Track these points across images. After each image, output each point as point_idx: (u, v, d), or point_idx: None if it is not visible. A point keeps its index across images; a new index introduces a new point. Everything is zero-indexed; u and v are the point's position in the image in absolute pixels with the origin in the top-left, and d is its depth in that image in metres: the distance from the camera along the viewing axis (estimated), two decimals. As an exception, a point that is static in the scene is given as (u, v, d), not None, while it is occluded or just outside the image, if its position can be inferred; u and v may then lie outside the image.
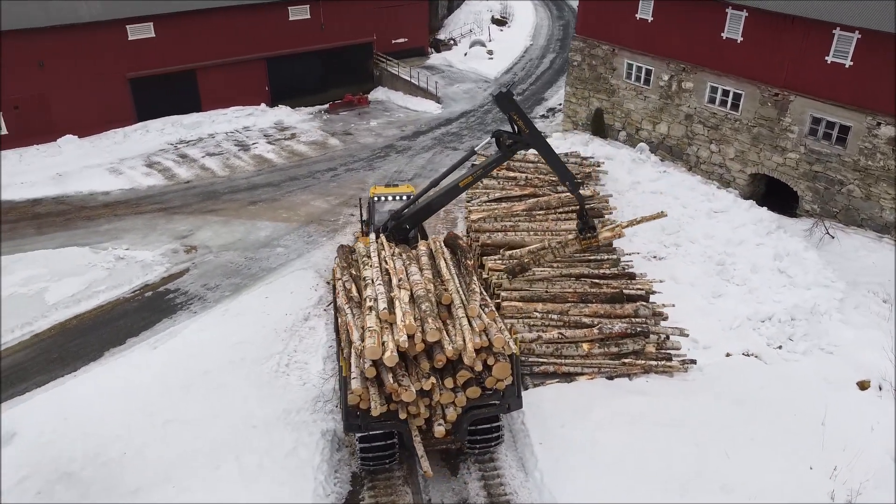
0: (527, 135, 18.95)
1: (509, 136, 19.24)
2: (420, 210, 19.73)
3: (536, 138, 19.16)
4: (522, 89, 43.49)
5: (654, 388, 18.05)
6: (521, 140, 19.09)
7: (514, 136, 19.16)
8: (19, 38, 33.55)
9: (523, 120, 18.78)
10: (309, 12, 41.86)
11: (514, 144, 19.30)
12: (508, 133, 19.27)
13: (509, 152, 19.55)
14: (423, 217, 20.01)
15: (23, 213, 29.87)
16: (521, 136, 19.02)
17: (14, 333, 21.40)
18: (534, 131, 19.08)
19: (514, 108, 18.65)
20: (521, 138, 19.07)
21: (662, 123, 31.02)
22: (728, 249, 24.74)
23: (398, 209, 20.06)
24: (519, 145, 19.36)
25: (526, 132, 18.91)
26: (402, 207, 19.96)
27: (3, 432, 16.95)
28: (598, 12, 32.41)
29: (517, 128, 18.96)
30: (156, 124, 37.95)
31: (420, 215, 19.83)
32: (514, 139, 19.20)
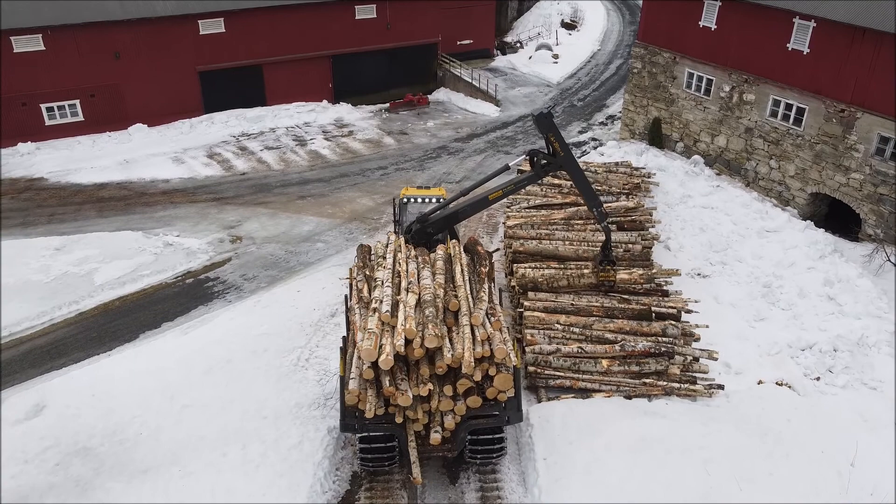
0: (561, 157, 18.89)
1: (544, 156, 19.12)
2: (447, 217, 19.73)
3: (570, 162, 19.10)
4: (584, 95, 42.72)
5: (672, 412, 17.33)
6: (556, 162, 19.05)
7: (548, 158, 19.13)
8: (97, 30, 35.38)
9: (559, 142, 18.76)
10: (375, 12, 42.37)
11: (547, 165, 19.22)
12: (543, 153, 19.20)
13: (542, 172, 19.48)
14: (448, 224, 19.98)
15: (88, 197, 31.44)
16: (556, 158, 18.98)
17: (61, 310, 22.56)
18: (569, 155, 19.04)
19: (552, 130, 18.70)
20: (555, 160, 19.06)
21: (721, 136, 29.81)
22: (777, 271, 23.56)
23: (425, 213, 20.07)
24: (552, 167, 19.34)
25: (561, 154, 18.81)
26: (430, 212, 19.96)
27: (35, 404, 17.87)
28: (661, 18, 31.47)
29: (553, 149, 18.85)
30: (221, 116, 39.25)
31: (446, 222, 19.82)
32: (548, 160, 19.10)
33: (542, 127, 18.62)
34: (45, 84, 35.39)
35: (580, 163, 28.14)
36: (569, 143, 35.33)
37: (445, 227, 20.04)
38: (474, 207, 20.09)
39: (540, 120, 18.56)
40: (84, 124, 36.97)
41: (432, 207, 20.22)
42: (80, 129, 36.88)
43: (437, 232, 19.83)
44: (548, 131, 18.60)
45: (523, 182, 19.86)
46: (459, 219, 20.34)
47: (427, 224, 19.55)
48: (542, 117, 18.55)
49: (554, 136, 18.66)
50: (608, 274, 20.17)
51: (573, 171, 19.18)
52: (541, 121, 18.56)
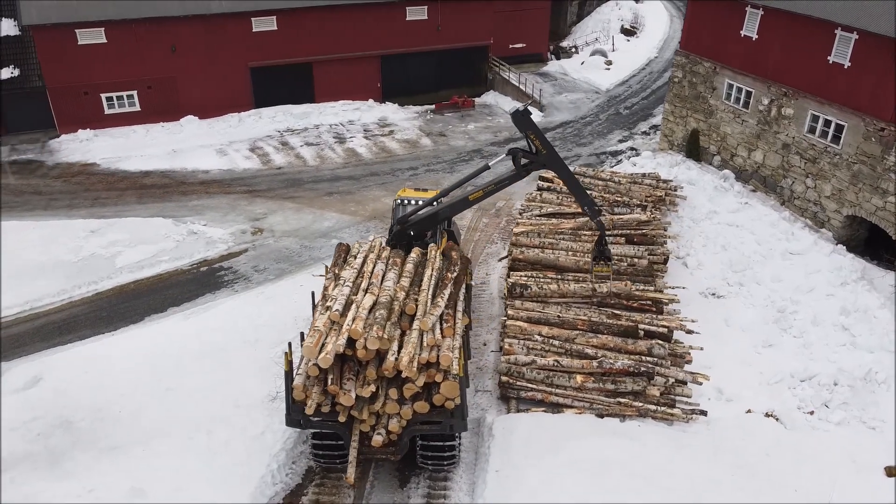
0: (543, 155, 18.37)
1: (525, 154, 18.69)
2: (425, 219, 19.55)
3: (553, 159, 18.63)
4: (632, 103, 41.62)
5: (643, 435, 16.72)
6: (538, 160, 18.59)
7: (530, 156, 18.63)
8: (156, 25, 37.12)
9: (540, 139, 18.34)
10: (426, 13, 42.64)
11: (529, 164, 18.73)
12: (525, 152, 18.78)
13: (524, 171, 19.03)
14: (427, 226, 19.74)
15: (132, 183, 33.08)
16: (538, 156, 18.49)
17: (81, 290, 23.85)
18: (551, 152, 18.55)
19: (531, 127, 18.29)
20: (537, 158, 18.55)
21: (758, 151, 28.46)
22: (794, 296, 22.33)
23: (405, 214, 20.02)
24: (535, 165, 18.89)
25: (543, 152, 18.31)
26: (409, 213, 19.88)
27: (33, 376, 19.00)
28: (702, 27, 30.33)
29: (534, 147, 18.36)
30: (268, 112, 40.44)
31: (424, 224, 19.62)
32: (530, 158, 18.61)
33: (519, 124, 18.17)
34: (106, 75, 37.39)
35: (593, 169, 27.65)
36: (605, 151, 34.77)
37: (426, 229, 19.78)
38: (453, 209, 19.83)
39: (517, 117, 18.09)
40: (140, 114, 38.86)
41: (412, 209, 20.11)
42: (137, 118, 38.79)
43: (419, 233, 19.61)
44: (526, 129, 18.14)
45: (504, 182, 19.35)
46: (439, 220, 20.01)
47: (407, 226, 19.49)
48: (518, 114, 18.06)
49: (534, 133, 18.20)
50: (602, 269, 19.59)
51: (558, 169, 18.70)
52: (517, 118, 18.09)
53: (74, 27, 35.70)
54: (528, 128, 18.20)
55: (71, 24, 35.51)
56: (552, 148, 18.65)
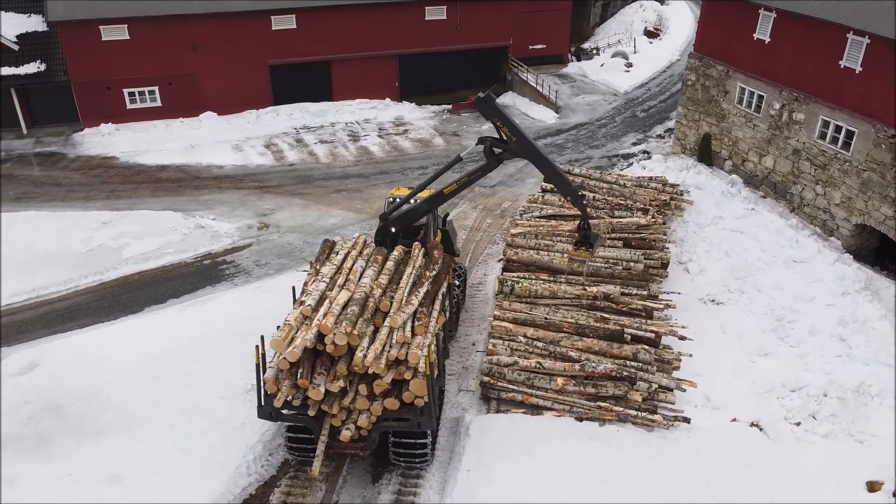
0: (513, 142, 17.65)
1: (493, 143, 18.12)
2: (404, 215, 19.46)
3: (524, 146, 17.69)
4: (650, 106, 41.15)
5: (621, 440, 16.56)
6: (508, 148, 17.91)
7: (500, 144, 18.07)
8: (177, 22, 37.86)
9: (508, 126, 17.51)
10: (445, 13, 42.74)
11: (501, 153, 18.22)
12: (495, 140, 18.10)
13: (494, 162, 18.46)
14: (408, 221, 19.59)
15: (148, 177, 33.81)
16: (508, 145, 17.84)
17: (86, 279, 24.48)
18: (521, 139, 17.60)
19: (496, 114, 17.42)
20: (507, 146, 17.91)
21: (769, 156, 27.91)
22: (794, 305, 21.87)
23: (386, 211, 19.97)
24: (506, 154, 18.20)
25: (512, 139, 17.64)
26: (390, 210, 19.85)
27: (30, 361, 19.58)
28: (716, 29, 29.86)
29: (503, 135, 17.80)
30: (286, 109, 40.95)
31: (404, 219, 19.51)
32: (499, 147, 18.11)
33: (484, 112, 17.41)
34: (129, 70, 38.26)
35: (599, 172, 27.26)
36: (618, 154, 34.45)
37: (406, 225, 19.59)
38: (429, 203, 19.45)
39: (480, 104, 17.36)
40: (161, 109, 39.68)
41: (393, 206, 20.02)
42: (158, 113, 39.62)
43: (400, 229, 19.46)
44: (492, 116, 17.37)
45: (476, 174, 18.87)
46: (418, 215, 19.66)
47: (388, 222, 19.44)
48: (481, 101, 17.28)
49: (500, 121, 17.42)
50: (581, 253, 18.50)
51: (530, 156, 17.83)
52: (481, 105, 17.35)
53: (98, 24, 36.61)
54: (494, 115, 17.40)
55: (95, 20, 36.42)
56: (522, 134, 17.69)
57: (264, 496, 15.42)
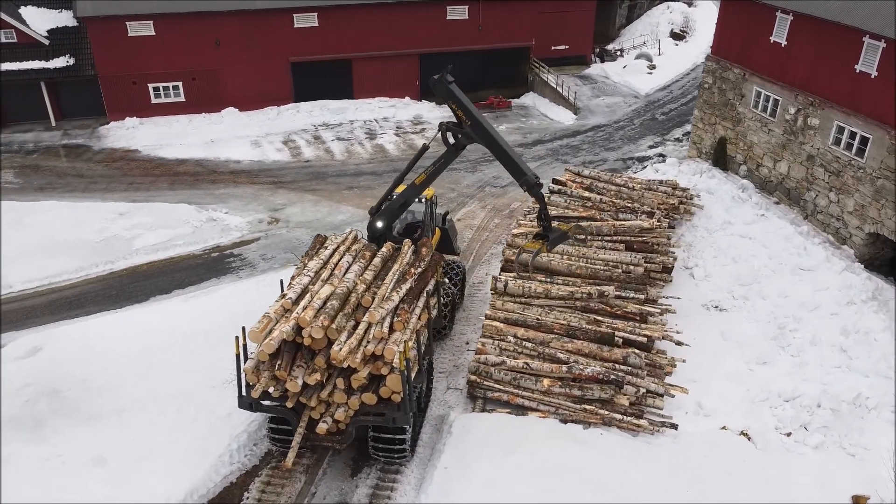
0: (468, 126, 16.93)
1: (448, 127, 17.48)
2: (386, 209, 19.44)
3: (479, 130, 16.88)
4: (670, 109, 40.62)
5: (604, 444, 16.41)
6: (465, 133, 17.21)
7: (457, 129, 17.36)
8: (201, 19, 38.57)
9: (462, 109, 16.78)
10: (467, 13, 42.76)
11: (458, 139, 17.50)
12: (451, 125, 17.47)
13: (453, 148, 17.79)
14: (390, 215, 19.55)
15: (167, 170, 34.51)
16: (464, 129, 17.19)
17: (97, 268, 25.09)
18: (476, 123, 16.79)
19: (451, 96, 16.69)
20: (463, 131, 17.26)
21: (783, 162, 27.37)
22: (798, 313, 21.43)
23: (374, 206, 20.00)
24: (463, 139, 17.48)
25: (467, 123, 16.94)
26: (377, 205, 19.88)
27: (34, 346, 20.16)
28: (733, 32, 29.40)
29: (459, 119, 17.11)
30: (306, 106, 41.40)
31: (387, 214, 19.48)
32: (456, 132, 17.40)
33: (439, 92, 16.74)
34: (154, 66, 39.10)
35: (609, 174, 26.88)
36: (633, 157, 34.08)
37: (391, 219, 19.56)
38: (405, 195, 19.16)
39: (433, 84, 16.71)
40: (184, 104, 40.46)
41: (378, 201, 20.00)
42: (181, 108, 40.41)
43: (385, 224, 19.39)
44: (447, 97, 16.69)
45: (440, 162, 18.31)
46: (401, 207, 19.44)
47: (374, 217, 19.43)
48: (436, 81, 16.64)
49: (455, 103, 16.72)
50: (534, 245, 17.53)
51: (485, 141, 17.00)
52: (434, 85, 16.71)
53: (125, 20, 37.47)
54: (448, 96, 16.77)
55: (122, 16, 37.29)
56: (476, 117, 16.91)
57: (244, 485, 15.66)
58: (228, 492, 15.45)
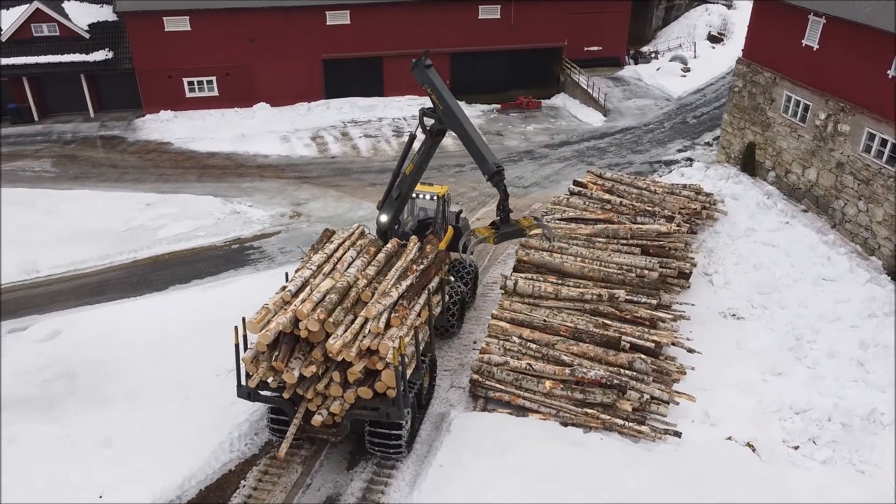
0: (440, 111, 16.56)
1: (425, 113, 17.11)
2: (387, 203, 19.50)
3: (450, 117, 16.47)
4: (702, 113, 39.90)
5: (602, 448, 16.22)
6: (437, 118, 16.89)
7: (432, 115, 17.00)
8: (236, 15, 39.29)
9: (436, 94, 16.39)
10: (499, 12, 42.69)
11: (432, 124, 17.11)
12: (429, 110, 17.16)
13: (428, 134, 17.40)
14: (394, 208, 19.53)
15: (197, 163, 35.23)
16: (437, 114, 16.88)
17: (121, 256, 25.75)
18: (447, 109, 16.39)
19: (427, 80, 16.36)
20: (437, 116, 16.94)
21: (812, 169, 26.67)
22: (817, 325, 20.86)
23: (380, 201, 20.09)
24: (437, 125, 17.11)
25: (440, 108, 16.55)
26: (382, 200, 19.98)
27: (54, 330, 20.79)
28: (764, 34, 28.76)
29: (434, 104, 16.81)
30: (336, 103, 41.83)
31: (389, 208, 19.46)
32: (431, 117, 17.05)
33: (416, 75, 16.38)
34: (189, 60, 39.98)
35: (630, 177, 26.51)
36: (660, 160, 33.60)
37: (394, 213, 19.60)
38: (399, 187, 19.15)
39: (412, 67, 16.39)
40: (218, 99, 41.25)
41: (383, 195, 20.05)
42: (214, 103, 41.21)
43: (390, 217, 19.44)
44: (423, 81, 16.35)
45: (423, 150, 18.02)
46: (402, 200, 19.37)
47: (380, 212, 19.51)
48: (414, 64, 16.31)
49: (430, 88, 16.33)
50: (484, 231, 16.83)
51: (455, 128, 16.59)
52: (413, 68, 16.37)
53: (162, 15, 38.39)
54: (424, 81, 16.50)
55: (159, 11, 38.21)
56: (447, 103, 16.53)
57: (242, 473, 15.89)
58: (226, 479, 15.70)
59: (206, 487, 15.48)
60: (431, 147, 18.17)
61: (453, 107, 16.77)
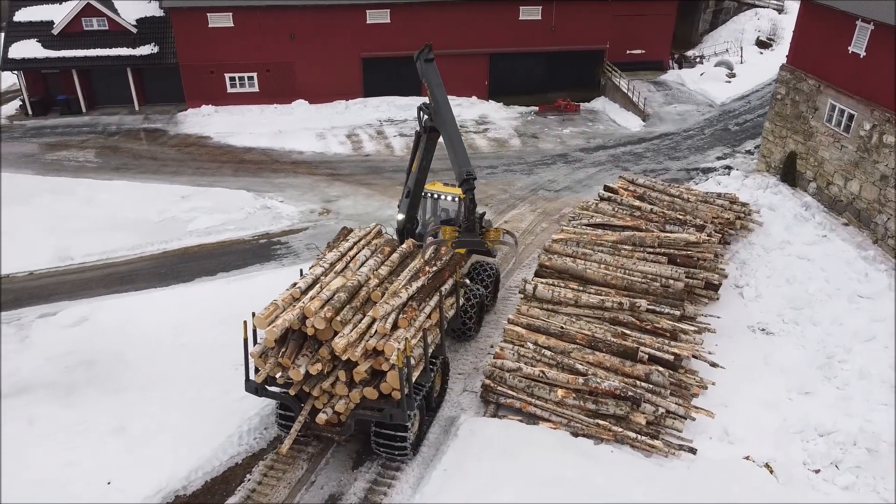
0: (432, 108, 16.32)
1: (421, 107, 16.95)
2: (402, 202, 19.45)
3: (438, 115, 16.16)
4: (745, 120, 38.78)
5: (612, 461, 15.81)
6: (430, 114, 16.65)
7: (427, 111, 16.78)
8: (278, 13, 39.79)
9: (430, 90, 16.10)
10: (540, 13, 42.29)
11: (426, 120, 16.82)
12: (425, 106, 16.94)
13: (424, 132, 17.13)
14: (407, 207, 19.50)
15: (233, 157, 35.78)
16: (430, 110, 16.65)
17: (152, 247, 26.27)
18: (437, 106, 16.10)
19: (425, 74, 16.13)
20: (430, 112, 16.70)
21: (854, 181, 25.64)
22: (850, 343, 20.00)
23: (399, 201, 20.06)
24: (429, 120, 16.84)
25: (433, 105, 16.34)
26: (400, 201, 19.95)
27: (81, 316, 21.30)
28: (810, 40, 27.77)
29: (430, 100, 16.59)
30: (374, 101, 41.99)
31: (404, 206, 19.36)
32: (427, 113, 16.79)
33: (419, 69, 16.15)
34: (231, 56, 40.63)
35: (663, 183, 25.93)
36: (698, 168, 32.85)
37: (409, 211, 19.48)
38: (407, 185, 19.08)
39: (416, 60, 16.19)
40: (258, 95, 41.84)
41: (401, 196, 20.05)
42: (254, 98, 41.80)
43: (408, 216, 19.37)
44: (422, 75, 16.10)
45: (421, 147, 17.69)
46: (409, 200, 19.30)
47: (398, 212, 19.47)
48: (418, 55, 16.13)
49: (427, 82, 16.07)
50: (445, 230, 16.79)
51: (440, 125, 16.29)
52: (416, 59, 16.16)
53: (206, 11, 39.10)
54: (423, 74, 16.27)
55: (203, 7, 38.93)
56: (438, 100, 16.18)
57: (249, 467, 15.97)
58: (232, 472, 15.80)
59: (211, 479, 15.60)
60: (429, 143, 17.92)
61: (443, 105, 16.59)
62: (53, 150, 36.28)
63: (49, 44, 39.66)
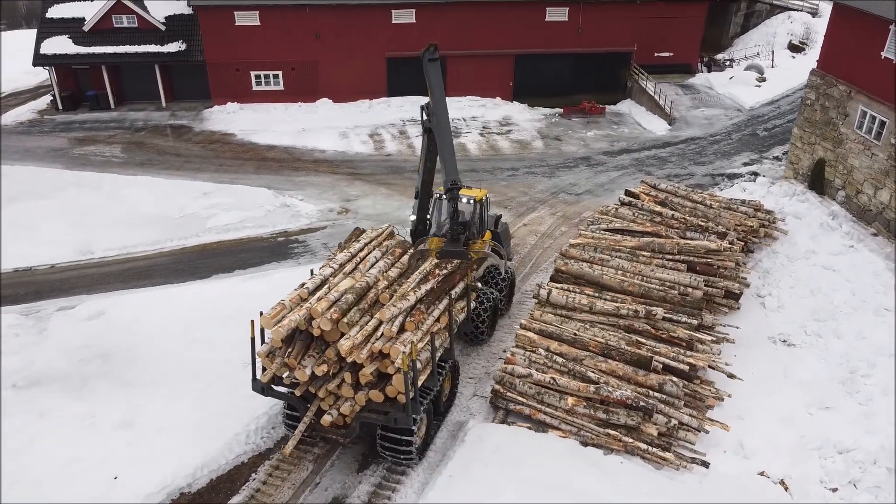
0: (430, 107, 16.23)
1: (423, 106, 16.96)
2: (414, 204, 19.34)
3: (435, 116, 16.05)
4: (774, 125, 37.95)
5: (621, 472, 15.49)
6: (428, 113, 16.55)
7: (426, 110, 16.71)
8: (303, 12, 39.97)
9: (430, 90, 15.95)
10: (567, 15, 41.91)
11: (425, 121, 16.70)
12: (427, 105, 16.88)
13: (424, 132, 17.06)
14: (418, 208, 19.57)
15: (256, 155, 35.98)
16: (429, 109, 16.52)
17: (171, 243, 26.49)
18: (434, 107, 16.05)
19: (428, 73, 16.06)
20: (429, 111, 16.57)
21: (885, 190, 24.90)
22: (874, 358, 19.41)
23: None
24: (427, 121, 16.76)
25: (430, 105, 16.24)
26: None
27: (98, 310, 21.52)
28: (841, 45, 27.03)
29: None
30: (397, 101, 41.95)
31: (416, 207, 19.38)
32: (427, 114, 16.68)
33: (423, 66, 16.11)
34: (257, 54, 40.90)
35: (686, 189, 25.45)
36: (723, 173, 32.26)
37: (420, 213, 19.36)
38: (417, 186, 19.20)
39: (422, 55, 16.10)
40: (283, 93, 42.05)
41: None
42: (279, 96, 42.02)
43: (420, 217, 19.27)
44: (425, 72, 16.04)
45: (423, 147, 17.74)
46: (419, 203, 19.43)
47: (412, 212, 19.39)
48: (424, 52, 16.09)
49: (428, 81, 15.96)
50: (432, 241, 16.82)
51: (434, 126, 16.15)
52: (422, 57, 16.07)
53: (233, 9, 39.40)
54: (426, 73, 16.19)
55: (230, 6, 39.22)
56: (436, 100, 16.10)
57: (254, 466, 15.94)
58: (238, 471, 15.79)
59: (217, 477, 15.60)
60: (431, 144, 17.76)
61: (439, 107, 16.52)
62: (81, 144, 36.83)
63: (80, 40, 40.29)
